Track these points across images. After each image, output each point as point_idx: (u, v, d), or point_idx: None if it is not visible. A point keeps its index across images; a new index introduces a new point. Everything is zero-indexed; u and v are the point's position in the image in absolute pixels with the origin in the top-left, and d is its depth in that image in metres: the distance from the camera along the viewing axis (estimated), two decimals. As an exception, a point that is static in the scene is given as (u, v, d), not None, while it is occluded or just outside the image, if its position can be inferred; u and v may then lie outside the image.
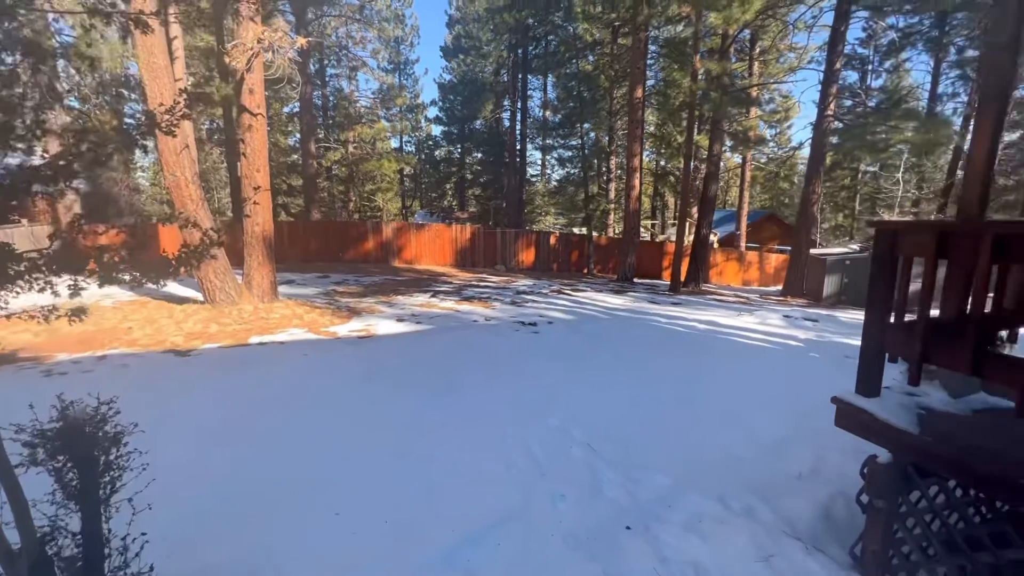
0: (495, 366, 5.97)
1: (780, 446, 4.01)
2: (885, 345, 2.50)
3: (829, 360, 6.80)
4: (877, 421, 2.41)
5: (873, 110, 23.80)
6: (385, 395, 4.86)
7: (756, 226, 29.21)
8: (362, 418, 4.33)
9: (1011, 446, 2.16)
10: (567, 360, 6.36)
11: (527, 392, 5.12)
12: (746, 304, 13.14)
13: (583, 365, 6.17)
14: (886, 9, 17.28)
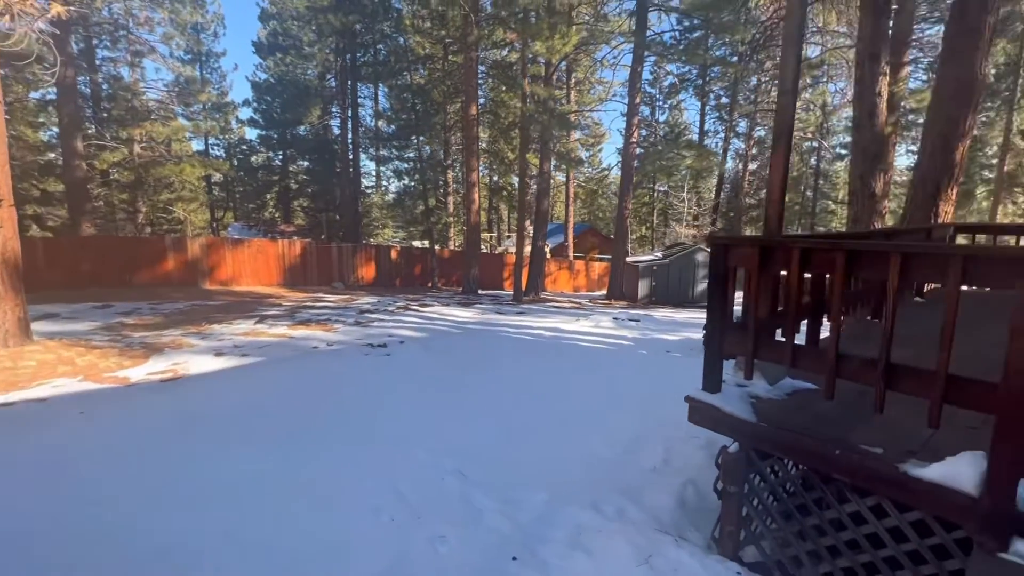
0: (345, 398, 5.37)
1: (634, 443, 4.34)
2: (723, 345, 2.83)
3: (655, 355, 7.74)
4: (724, 414, 2.70)
5: (663, 140, 28.59)
6: (208, 452, 3.95)
7: (580, 238, 32.53)
8: (178, 487, 3.43)
9: (816, 422, 2.60)
10: (425, 381, 6.05)
11: (386, 424, 4.70)
12: (580, 309, 14.39)
13: (443, 384, 5.93)
14: (668, 57, 20.79)
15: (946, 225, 6.52)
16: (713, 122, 33.29)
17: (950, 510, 1.95)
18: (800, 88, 25.79)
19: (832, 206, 31.27)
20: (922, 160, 7.32)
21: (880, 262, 2.14)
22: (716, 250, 2.75)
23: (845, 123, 28.59)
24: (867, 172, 7.23)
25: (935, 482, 1.98)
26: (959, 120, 6.88)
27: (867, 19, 7.19)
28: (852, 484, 2.27)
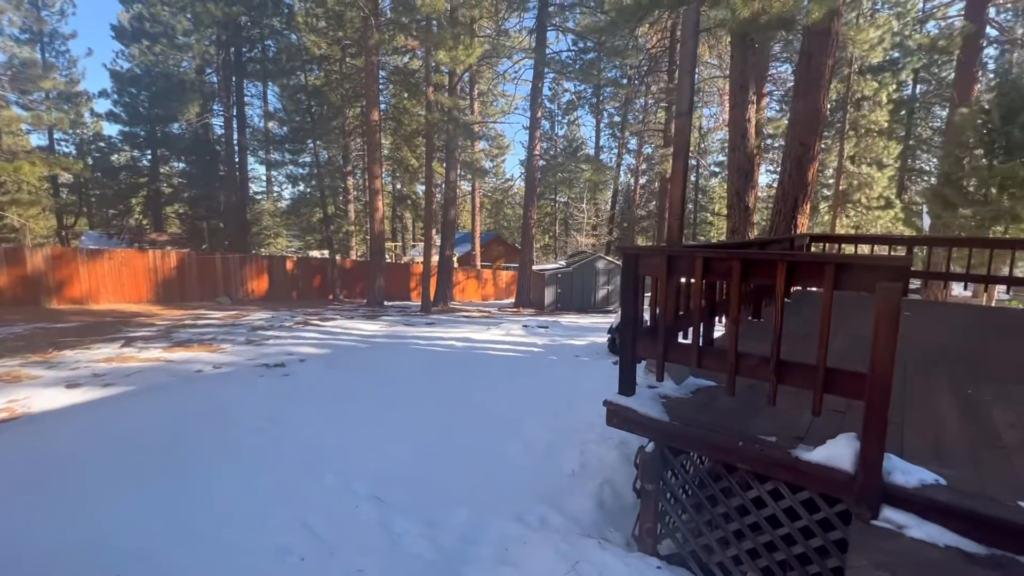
0: (239, 426, 4.82)
1: (551, 449, 4.40)
2: (636, 350, 2.97)
3: (565, 361, 7.99)
4: (639, 415, 2.83)
5: (563, 153, 29.95)
6: (60, 508, 3.30)
7: (487, 246, 32.83)
8: (21, 559, 2.80)
9: (720, 417, 2.82)
10: (331, 401, 5.64)
11: (288, 450, 4.29)
12: (490, 318, 14.46)
13: (351, 403, 5.57)
14: (566, 75, 21.85)
15: (804, 235, 7.55)
16: (607, 138, 35.62)
17: (832, 487, 2.21)
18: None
19: (710, 218, 34.89)
20: (783, 179, 8.44)
21: (770, 269, 2.39)
22: (628, 260, 2.89)
23: (718, 144, 32.17)
24: (742, 188, 8.16)
25: (820, 463, 2.23)
26: (810, 146, 8.05)
27: (737, 54, 8.16)
28: (754, 472, 2.48)
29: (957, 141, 12.89)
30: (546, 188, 32.62)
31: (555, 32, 19.71)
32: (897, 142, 22.47)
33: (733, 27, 7.21)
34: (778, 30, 7.48)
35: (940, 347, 4.42)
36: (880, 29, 17.73)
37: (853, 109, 21.26)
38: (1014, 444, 2.45)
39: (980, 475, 2.15)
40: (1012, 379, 3.49)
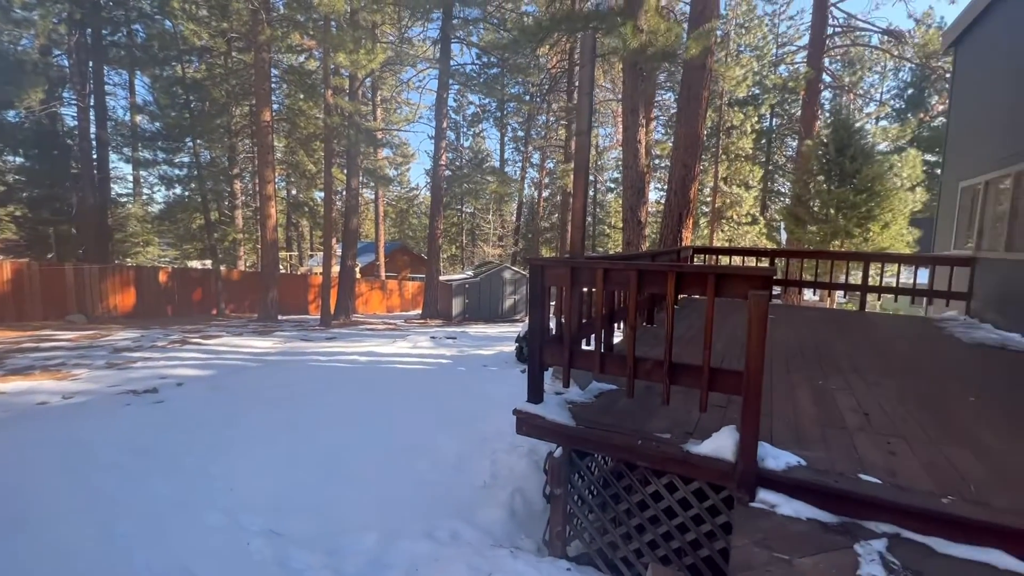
0: (93, 465, 4.14)
1: (462, 461, 4.36)
2: (544, 358, 3.06)
3: (474, 371, 7.98)
4: (548, 422, 2.91)
5: (469, 164, 30.17)
6: None
7: (392, 256, 31.91)
8: None
9: (621, 418, 3.00)
10: (216, 428, 5.08)
11: (162, 487, 3.77)
12: (396, 330, 14.03)
13: (240, 429, 5.06)
14: (470, 87, 22.12)
15: (688, 247, 8.34)
16: (512, 152, 36.57)
17: (718, 476, 2.45)
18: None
19: (608, 230, 37.20)
20: (669, 196, 9.28)
21: (662, 279, 2.60)
22: (534, 272, 2.98)
23: (613, 161, 34.49)
24: (635, 204, 8.82)
25: (707, 455, 2.46)
26: (691, 167, 8.94)
27: (629, 80, 8.86)
28: (652, 468, 2.67)
29: (804, 168, 15.12)
30: (452, 198, 32.61)
31: (460, 45, 19.91)
32: (760, 167, 25.82)
33: (625, 55, 7.82)
34: (663, 61, 8.26)
35: (797, 345, 5.11)
36: (744, 68, 20.31)
37: (725, 136, 24.04)
38: (854, 426, 2.90)
39: (830, 454, 2.51)
40: (849, 370, 4.14)
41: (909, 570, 1.85)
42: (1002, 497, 2.12)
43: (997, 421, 3.02)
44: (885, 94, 27.05)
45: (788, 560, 1.91)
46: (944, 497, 2.11)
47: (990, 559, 1.90)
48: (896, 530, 2.08)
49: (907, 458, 2.48)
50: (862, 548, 1.98)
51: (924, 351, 5.01)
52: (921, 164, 16.59)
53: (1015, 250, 5.97)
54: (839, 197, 13.04)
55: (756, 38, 23.77)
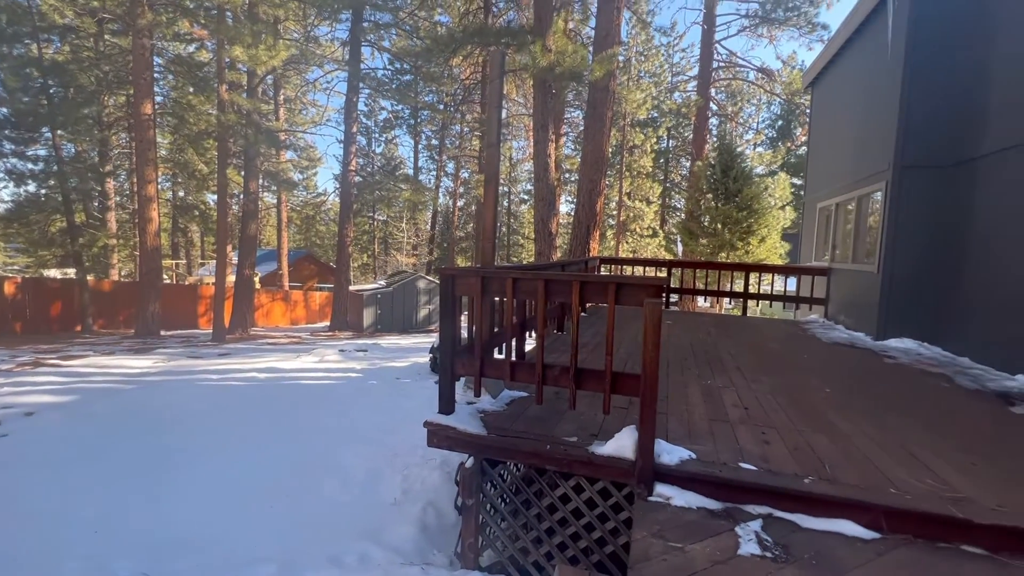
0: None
1: (372, 479, 4.19)
2: (455, 368, 3.05)
3: (386, 384, 7.72)
4: (459, 432, 2.90)
5: (381, 171, 29.36)
6: None
7: (296, 265, 29.96)
8: None
9: (531, 424, 3.07)
10: (77, 462, 4.40)
11: (6, 541, 3.19)
12: (301, 344, 13.17)
13: (109, 462, 4.44)
14: (382, 92, 21.60)
15: (595, 258, 8.79)
16: (426, 160, 36.19)
17: (620, 474, 2.59)
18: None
19: (522, 241, 38.03)
20: (578, 209, 9.73)
21: (567, 288, 2.71)
22: (445, 281, 2.97)
23: (526, 174, 35.43)
24: (546, 216, 9.13)
25: (610, 455, 2.59)
26: (597, 182, 9.45)
27: (539, 96, 9.19)
28: (560, 471, 2.75)
29: (695, 187, 16.64)
30: (363, 205, 31.46)
31: (371, 49, 19.39)
32: (659, 184, 27.97)
33: (535, 73, 8.12)
34: (570, 81, 8.69)
35: (690, 348, 5.58)
36: (644, 92, 21.96)
37: (628, 154, 25.74)
38: (736, 420, 3.23)
39: (716, 447, 2.76)
40: (733, 369, 4.60)
41: (779, 545, 2.08)
42: (849, 473, 2.47)
43: (846, 408, 3.51)
44: (760, 124, 30.65)
45: (681, 548, 2.06)
46: (806, 478, 2.41)
47: (841, 528, 2.20)
48: (769, 510, 2.33)
49: (778, 445, 2.80)
50: (742, 530, 2.19)
51: (792, 350, 5.70)
52: (789, 186, 18.97)
53: (859, 262, 7.03)
54: (725, 214, 14.51)
55: (654, 65, 25.84)
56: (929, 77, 5.79)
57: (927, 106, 5.82)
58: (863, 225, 7.01)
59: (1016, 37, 5.02)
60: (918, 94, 5.84)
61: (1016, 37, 5.02)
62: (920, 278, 5.92)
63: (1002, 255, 4.98)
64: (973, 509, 2.15)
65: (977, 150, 5.39)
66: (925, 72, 5.80)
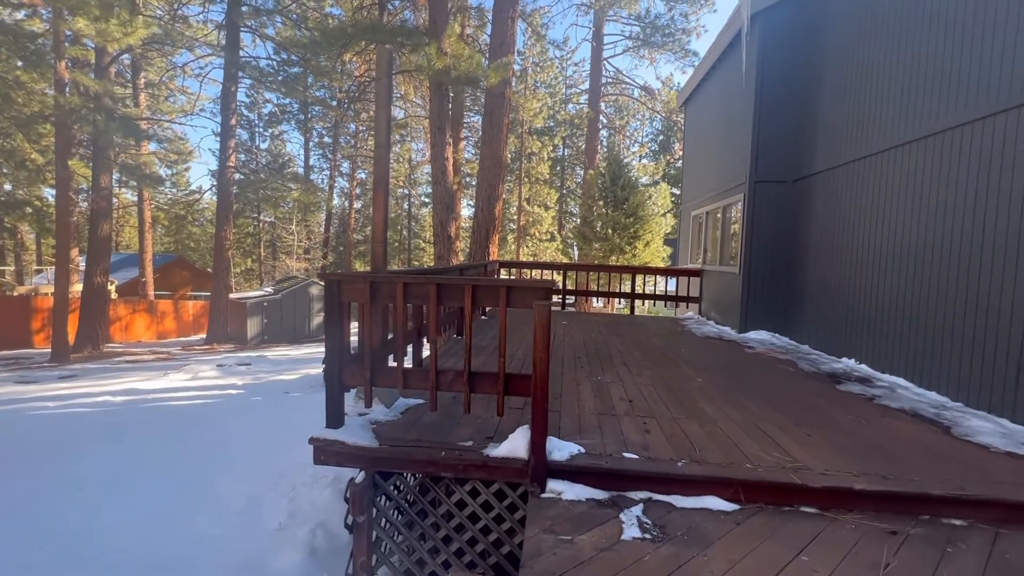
0: None
1: (253, 505, 3.82)
2: (343, 379, 2.89)
3: (272, 400, 7.11)
4: (349, 447, 2.74)
5: (266, 168, 27.09)
6: None
7: (165, 271, 26.48)
8: None
9: (426, 432, 3.00)
10: None
11: None
12: (170, 360, 11.66)
13: None
14: (266, 84, 19.99)
15: (495, 261, 8.91)
16: (318, 158, 34.11)
17: (515, 474, 2.62)
18: (392, 143, 29.83)
19: (423, 244, 37.40)
20: (477, 213, 9.80)
21: (459, 292, 2.70)
22: (330, 287, 2.80)
23: (426, 176, 34.95)
24: (445, 219, 9.06)
25: (504, 456, 2.62)
26: (496, 187, 9.59)
27: (435, 99, 9.11)
28: (455, 477, 2.72)
29: (589, 194, 17.63)
30: (246, 205, 28.82)
31: (252, 35, 17.83)
32: (555, 190, 29.20)
33: (430, 75, 8.03)
34: (466, 85, 8.73)
35: (583, 346, 5.88)
36: (540, 102, 22.78)
37: (526, 161, 26.51)
38: (622, 412, 3.45)
39: (604, 440, 2.92)
40: (620, 364, 4.92)
41: (657, 526, 2.25)
42: (715, 454, 2.75)
43: (713, 395, 3.93)
44: (645, 137, 33.36)
45: (570, 540, 2.14)
46: (679, 461, 2.64)
47: (708, 504, 2.44)
48: (649, 495, 2.52)
49: (656, 434, 3.04)
50: (625, 516, 2.33)
51: (671, 344, 6.25)
52: (670, 195, 20.87)
53: (725, 264, 7.92)
54: (614, 219, 15.54)
55: (549, 77, 26.94)
56: (775, 107, 6.71)
57: (774, 130, 6.74)
58: (728, 231, 7.91)
59: (834, 87, 6.01)
60: (767, 120, 6.75)
61: (834, 87, 6.01)
62: (772, 278, 6.83)
63: (824, 258, 5.92)
64: (808, 475, 2.51)
65: (811, 169, 6.36)
66: (771, 103, 6.72)
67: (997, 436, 3.10)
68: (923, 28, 4.51)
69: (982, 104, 3.79)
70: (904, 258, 4.62)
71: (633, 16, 23.90)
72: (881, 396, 4.03)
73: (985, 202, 3.74)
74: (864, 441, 3.00)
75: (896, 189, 4.78)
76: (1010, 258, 3.49)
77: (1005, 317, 3.51)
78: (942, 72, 4.23)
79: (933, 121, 4.32)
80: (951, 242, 4.07)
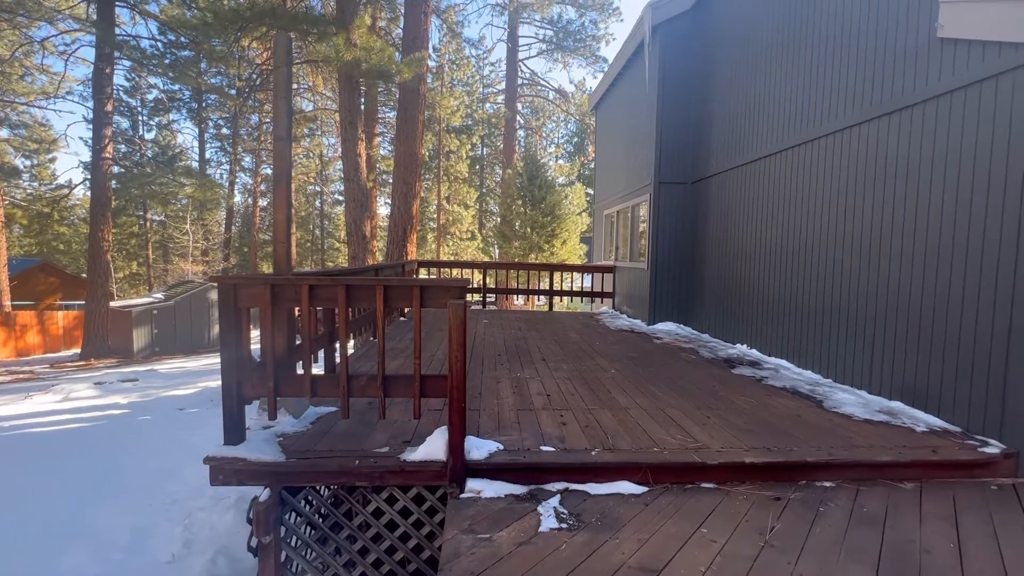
0: None
1: (139, 537, 3.41)
2: (244, 391, 2.67)
3: (165, 418, 6.41)
4: (250, 463, 2.54)
5: (153, 161, 24.32)
6: None
7: (25, 278, 22.83)
8: None
9: (338, 441, 2.86)
10: None
11: None
12: (35, 380, 10.10)
13: None
14: (150, 67, 17.94)
15: (413, 261, 8.71)
16: (216, 151, 31.26)
17: (433, 477, 2.58)
18: (300, 136, 28.07)
19: (337, 244, 35.69)
20: (393, 212, 9.52)
21: (370, 294, 2.60)
22: (225, 292, 2.57)
23: (339, 173, 33.37)
24: (358, 218, 8.70)
25: (422, 460, 2.57)
26: (412, 184, 9.38)
27: (344, 92, 8.71)
28: (371, 485, 2.62)
29: (507, 193, 17.84)
30: (129, 202, 25.74)
31: (130, 12, 15.90)
32: (475, 189, 29.22)
33: (339, 66, 7.65)
34: (378, 79, 8.44)
35: (503, 343, 5.93)
36: (457, 100, 22.64)
37: (445, 159, 26.25)
38: (540, 406, 3.52)
39: (522, 435, 2.96)
40: (539, 360, 5.03)
41: (573, 515, 2.32)
42: (625, 441, 2.89)
43: (625, 385, 4.14)
44: (560, 139, 34.38)
45: (489, 538, 2.14)
46: (593, 451, 2.75)
47: (620, 489, 2.56)
48: (566, 485, 2.59)
49: (572, 425, 3.14)
50: (543, 508, 2.38)
51: (587, 338, 6.50)
52: (585, 195, 21.69)
53: (635, 260, 8.38)
54: (532, 219, 15.86)
55: (466, 75, 26.87)
56: (676, 113, 7.21)
57: (676, 134, 7.24)
58: (637, 230, 8.38)
59: (726, 95, 6.57)
60: (669, 125, 7.23)
61: (726, 95, 6.57)
62: (677, 272, 7.34)
63: (720, 254, 6.48)
64: (707, 454, 2.72)
65: (707, 171, 6.91)
66: (673, 110, 7.21)
67: (858, 407, 3.57)
68: (798, 44, 5.07)
69: (851, 113, 4.33)
70: (784, 252, 5.18)
71: (546, 20, 24.52)
72: (768, 377, 4.49)
73: (853, 200, 4.29)
74: (754, 419, 3.32)
75: (777, 191, 5.34)
76: (872, 251, 4.03)
77: (863, 302, 4.05)
78: (819, 83, 4.78)
79: (808, 129, 4.87)
80: (820, 237, 4.62)
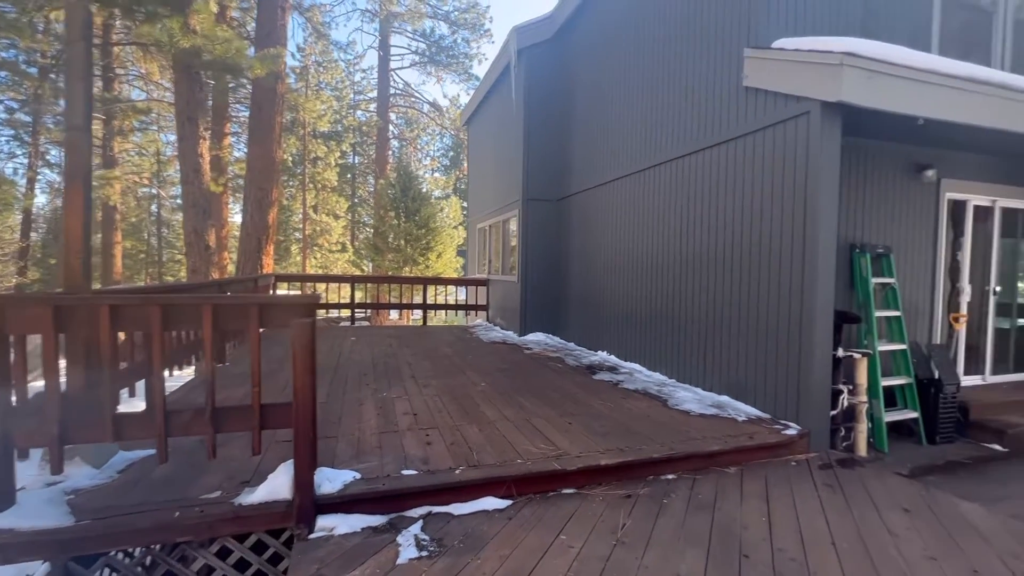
0: None
1: None
2: (12, 439, 2.10)
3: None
4: (20, 534, 2.00)
5: (-94, 148, 18.84)
6: None
7: None
8: None
9: (155, 490, 2.40)
10: None
11: None
12: None
13: None
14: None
15: (269, 275, 7.88)
16: (7, 142, 25.30)
17: (278, 519, 2.28)
18: (128, 130, 24.06)
19: (179, 256, 31.11)
20: (246, 220, 8.55)
21: (195, 314, 2.23)
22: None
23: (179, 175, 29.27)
24: (200, 225, 7.64)
25: (263, 502, 2.26)
26: (268, 190, 8.53)
27: (182, 83, 7.64)
28: (197, 540, 2.22)
29: (380, 204, 17.21)
30: None
31: None
32: (346, 199, 27.71)
33: (174, 54, 6.69)
34: (224, 72, 7.55)
35: (371, 361, 5.61)
36: (325, 104, 21.34)
37: (311, 166, 24.51)
38: (404, 427, 3.35)
39: (383, 460, 2.78)
40: (408, 377, 4.84)
41: (434, 540, 2.21)
42: (491, 455, 2.87)
43: (494, 398, 4.15)
44: (436, 151, 34.30)
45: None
46: (457, 469, 2.67)
47: (484, 506, 2.52)
48: (428, 509, 2.47)
49: (438, 444, 3.03)
50: (403, 537, 2.23)
51: (459, 352, 6.45)
52: (460, 208, 21.83)
53: (506, 273, 8.59)
54: (406, 230, 15.50)
55: (335, 79, 25.50)
56: (541, 133, 7.60)
57: (541, 153, 7.62)
58: (508, 244, 8.61)
59: (583, 120, 7.11)
60: (535, 144, 7.58)
61: (583, 120, 7.11)
62: (546, 284, 7.67)
63: (582, 267, 6.95)
64: (567, 460, 2.81)
65: (569, 190, 7.38)
66: (538, 130, 7.59)
67: (695, 403, 4.02)
68: (640, 83, 5.66)
69: (682, 145, 4.92)
70: (633, 266, 5.70)
71: (418, 32, 24.44)
72: (624, 380, 4.86)
73: (684, 221, 4.86)
74: (611, 422, 3.54)
75: (626, 211, 5.88)
76: (699, 263, 4.60)
77: (697, 310, 4.60)
78: (657, 119, 5.37)
79: (649, 157, 5.44)
80: (661, 252, 5.17)
